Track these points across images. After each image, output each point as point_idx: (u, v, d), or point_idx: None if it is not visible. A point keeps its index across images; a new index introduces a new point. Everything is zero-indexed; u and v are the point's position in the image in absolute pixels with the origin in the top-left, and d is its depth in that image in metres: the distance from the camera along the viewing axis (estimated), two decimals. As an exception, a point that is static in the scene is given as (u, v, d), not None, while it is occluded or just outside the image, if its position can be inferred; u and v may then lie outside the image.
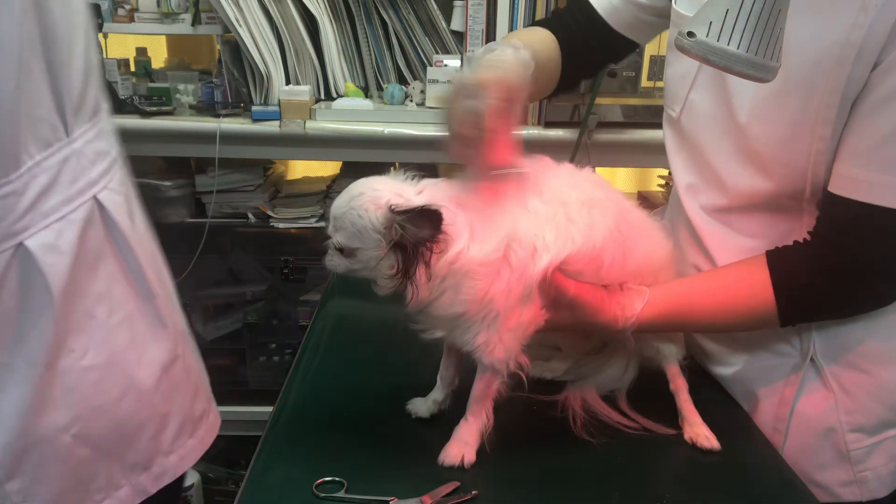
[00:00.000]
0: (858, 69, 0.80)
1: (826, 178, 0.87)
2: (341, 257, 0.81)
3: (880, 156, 0.81)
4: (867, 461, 0.97)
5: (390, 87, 1.89)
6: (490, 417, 0.85)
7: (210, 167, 1.89)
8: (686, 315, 0.92)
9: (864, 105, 0.81)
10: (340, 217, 0.79)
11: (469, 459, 0.84)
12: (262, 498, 0.80)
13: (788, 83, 0.84)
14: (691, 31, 0.71)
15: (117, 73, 1.89)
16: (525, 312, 0.81)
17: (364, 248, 0.79)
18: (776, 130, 0.89)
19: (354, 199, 0.79)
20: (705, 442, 0.91)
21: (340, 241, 0.80)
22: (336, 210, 0.80)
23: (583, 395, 0.95)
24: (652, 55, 1.94)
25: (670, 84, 1.05)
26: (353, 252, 0.80)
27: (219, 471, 2.19)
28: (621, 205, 0.92)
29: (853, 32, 0.79)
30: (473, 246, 0.78)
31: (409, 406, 0.95)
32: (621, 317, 0.87)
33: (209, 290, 2.12)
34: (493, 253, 0.78)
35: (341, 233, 0.80)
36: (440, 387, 0.94)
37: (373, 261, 0.79)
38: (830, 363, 0.96)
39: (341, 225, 0.80)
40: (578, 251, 0.82)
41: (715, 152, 0.98)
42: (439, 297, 0.79)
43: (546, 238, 0.80)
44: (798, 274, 0.88)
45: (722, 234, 1.00)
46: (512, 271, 0.79)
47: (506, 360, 0.82)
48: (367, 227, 0.77)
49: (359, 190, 0.80)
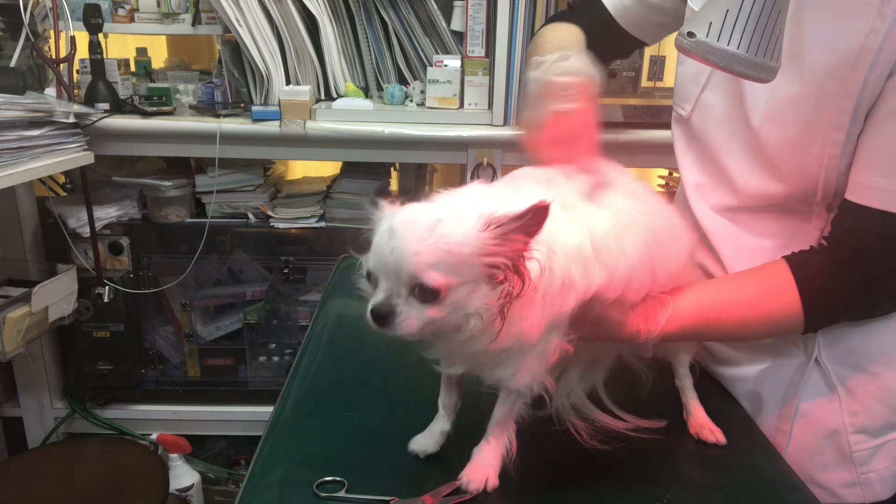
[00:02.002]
0: (873, 75, 0.80)
1: (837, 183, 0.87)
2: (422, 309, 0.65)
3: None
4: (870, 463, 0.97)
5: (390, 87, 1.89)
6: (513, 440, 0.81)
7: (210, 167, 1.89)
8: (710, 326, 0.90)
9: (880, 114, 0.81)
10: (427, 252, 0.64)
11: (493, 484, 0.79)
12: (263, 498, 0.80)
13: (803, 87, 0.84)
14: (691, 31, 0.71)
15: (117, 73, 1.89)
16: (552, 339, 0.75)
17: (460, 285, 0.65)
18: (789, 134, 0.88)
19: (436, 226, 0.65)
20: (710, 436, 0.91)
21: (437, 280, 0.64)
22: (412, 246, 0.64)
23: (571, 402, 0.90)
24: (652, 55, 1.94)
25: (681, 83, 1.05)
26: (442, 296, 0.65)
27: (219, 471, 2.19)
28: (651, 213, 0.85)
29: (869, 38, 0.79)
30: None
31: (412, 447, 0.86)
32: (644, 330, 0.84)
33: (209, 290, 2.12)
34: (540, 273, 0.69)
35: (435, 271, 0.64)
36: (444, 416, 0.86)
37: (466, 299, 0.66)
38: (835, 365, 0.96)
39: (432, 261, 0.64)
40: (604, 287, 0.75)
41: (726, 153, 0.98)
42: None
43: (573, 273, 0.72)
44: (821, 278, 0.87)
45: (730, 233, 1.00)
46: (545, 305, 0.70)
47: (531, 384, 0.76)
48: (470, 255, 0.64)
49: (429, 217, 0.66)
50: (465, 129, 1.78)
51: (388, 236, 0.66)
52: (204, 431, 2.14)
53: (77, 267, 1.87)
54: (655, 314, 0.85)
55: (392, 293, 0.66)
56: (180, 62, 2.22)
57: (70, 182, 2.01)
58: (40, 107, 1.57)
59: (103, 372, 2.03)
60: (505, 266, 0.65)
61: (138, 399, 2.12)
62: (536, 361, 0.75)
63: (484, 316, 0.67)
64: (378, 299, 0.66)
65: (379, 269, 0.67)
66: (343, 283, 1.44)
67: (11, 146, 1.47)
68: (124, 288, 1.96)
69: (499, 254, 0.65)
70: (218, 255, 2.05)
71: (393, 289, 0.66)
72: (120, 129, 1.77)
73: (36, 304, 1.71)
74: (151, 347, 2.13)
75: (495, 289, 0.66)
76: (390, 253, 0.65)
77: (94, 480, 1.69)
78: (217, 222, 1.95)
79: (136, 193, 1.98)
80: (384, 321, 0.66)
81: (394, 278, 0.65)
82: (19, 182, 1.51)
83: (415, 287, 0.65)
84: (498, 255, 0.65)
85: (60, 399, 2.10)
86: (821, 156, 0.86)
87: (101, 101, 1.78)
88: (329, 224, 1.98)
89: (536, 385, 0.77)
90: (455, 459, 0.84)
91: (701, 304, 0.88)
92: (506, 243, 0.65)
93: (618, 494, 0.82)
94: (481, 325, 0.67)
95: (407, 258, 0.64)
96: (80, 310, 1.93)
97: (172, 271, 2.00)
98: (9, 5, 1.78)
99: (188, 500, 1.92)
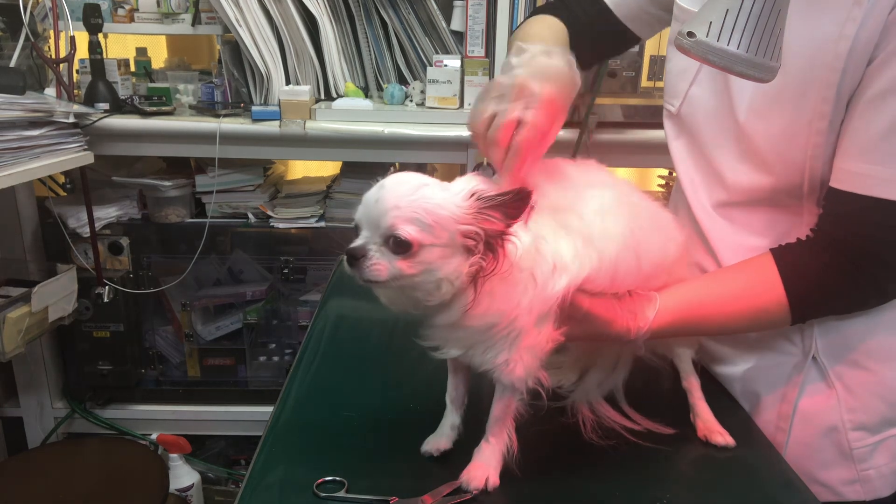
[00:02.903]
0: (852, 63, 0.80)
1: (823, 173, 0.87)
2: (393, 259, 0.70)
3: (880, 150, 0.81)
4: (870, 459, 0.98)
5: (390, 87, 1.89)
6: (513, 438, 0.81)
7: (210, 167, 1.89)
8: (698, 321, 0.90)
9: (861, 101, 0.82)
10: (406, 207, 0.69)
11: (493, 483, 0.80)
12: (263, 498, 0.80)
13: (786, 78, 0.84)
14: (691, 31, 0.71)
15: (117, 73, 1.89)
16: (543, 331, 0.77)
17: (433, 246, 0.69)
18: (774, 126, 0.89)
19: (421, 188, 0.71)
20: (719, 439, 0.91)
21: (410, 233, 0.68)
22: (393, 200, 0.70)
23: (588, 398, 0.94)
24: (652, 55, 1.94)
25: (670, 79, 1.05)
26: (415, 252, 0.69)
27: (219, 471, 2.19)
28: (633, 204, 0.89)
29: (847, 26, 0.79)
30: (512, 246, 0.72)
31: (425, 448, 0.86)
32: (633, 327, 0.85)
33: (209, 290, 2.12)
34: (526, 255, 0.73)
35: (410, 225, 0.68)
36: (452, 410, 0.87)
37: (438, 262, 0.70)
38: (833, 361, 0.96)
39: (409, 216, 0.69)
40: (596, 270, 0.79)
41: (715, 147, 0.98)
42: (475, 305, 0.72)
43: (564, 256, 0.76)
44: (806, 270, 0.87)
45: (725, 230, 1.00)
46: (536, 287, 0.74)
47: (525, 378, 0.78)
48: (446, 218, 0.69)
49: (418, 180, 0.72)
50: (464, 129, 1.76)
51: (377, 190, 0.72)
52: (204, 431, 2.14)
53: (77, 267, 1.87)
54: (644, 310, 0.86)
55: (369, 241, 0.71)
56: (180, 62, 2.22)
57: (70, 182, 2.01)
58: (40, 107, 1.57)
59: (103, 372, 2.03)
60: (480, 239, 0.70)
61: (138, 399, 2.12)
62: (529, 352, 0.77)
63: (454, 283, 0.71)
64: (355, 243, 0.72)
65: (362, 219, 0.72)
66: (343, 283, 1.44)
67: (11, 146, 1.47)
68: (124, 288, 1.96)
69: (475, 226, 0.70)
70: (218, 255, 2.05)
71: (371, 237, 0.71)
72: (120, 129, 1.77)
73: (36, 304, 1.71)
74: (151, 347, 2.13)
75: (468, 260, 0.70)
76: (374, 203, 0.71)
77: (94, 480, 1.69)
78: (217, 222, 1.95)
79: (135, 193, 1.98)
80: (356, 263, 0.71)
81: (374, 228, 0.71)
82: (19, 182, 1.51)
83: (389, 238, 0.70)
84: (474, 227, 0.70)
85: (60, 399, 2.10)
86: (806, 146, 0.86)
87: (100, 101, 1.78)
88: (329, 224, 1.98)
89: (530, 379, 0.78)
90: (455, 459, 0.84)
91: (688, 299, 0.89)
92: (484, 220, 0.70)
93: (618, 494, 0.82)
94: (452, 292, 0.71)
95: (387, 210, 0.70)
96: (80, 310, 1.93)
97: (172, 271, 2.00)
98: (9, 5, 1.78)
99: (188, 500, 1.92)
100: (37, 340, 1.90)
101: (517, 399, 0.81)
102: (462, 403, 0.87)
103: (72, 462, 1.76)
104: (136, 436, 2.07)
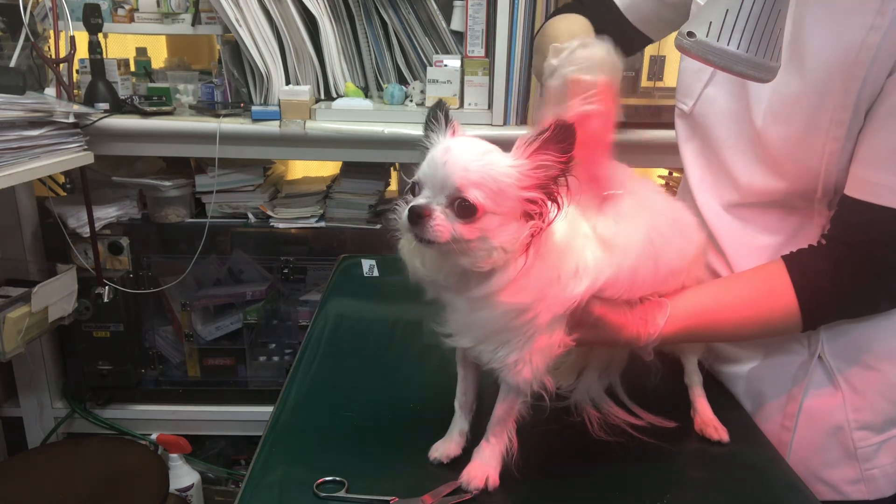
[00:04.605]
0: (874, 72, 0.80)
1: (837, 179, 0.87)
2: (455, 221, 0.69)
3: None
4: (875, 459, 0.98)
5: (390, 87, 1.89)
6: (513, 439, 0.82)
7: (210, 167, 1.89)
8: (708, 327, 0.90)
9: (880, 111, 0.82)
10: (474, 171, 0.68)
11: (493, 482, 0.80)
12: (263, 498, 0.80)
13: (806, 85, 0.84)
14: (691, 30, 0.71)
15: (117, 73, 1.89)
16: (555, 334, 0.77)
17: (494, 214, 0.69)
18: (792, 131, 0.89)
19: (488, 153, 0.71)
20: (713, 433, 0.92)
21: (477, 198, 0.68)
22: (463, 163, 0.69)
23: (590, 395, 0.94)
24: (652, 55, 1.94)
25: (684, 78, 1.05)
26: (478, 217, 0.69)
27: (219, 471, 2.19)
28: (653, 209, 0.88)
29: (870, 35, 0.79)
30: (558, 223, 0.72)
31: (433, 454, 0.86)
32: (644, 333, 0.85)
33: (209, 290, 2.12)
34: (561, 243, 0.74)
35: (477, 190, 0.68)
36: (461, 415, 0.87)
37: (496, 229, 0.70)
38: (838, 361, 0.96)
39: (477, 180, 0.68)
40: (614, 278, 0.79)
41: (729, 149, 0.98)
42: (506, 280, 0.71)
43: (588, 260, 0.76)
44: (818, 277, 0.87)
45: (735, 229, 1.00)
46: (559, 285, 0.74)
47: (531, 380, 0.77)
48: (511, 185, 0.69)
49: (484, 146, 0.72)
50: (465, 129, 1.77)
51: (444, 151, 0.71)
52: (204, 431, 2.14)
53: (77, 267, 1.87)
54: (654, 317, 0.85)
55: (432, 201, 0.70)
56: (180, 62, 2.22)
57: (70, 182, 2.01)
58: (40, 107, 1.57)
59: (103, 372, 2.03)
60: (541, 200, 0.70)
61: (138, 399, 2.12)
62: (539, 354, 0.76)
63: (508, 251, 0.70)
64: (419, 201, 0.70)
65: (427, 179, 0.71)
66: (343, 283, 1.44)
67: (11, 146, 1.47)
68: (124, 288, 1.96)
69: (536, 182, 0.69)
70: (218, 255, 2.05)
71: (435, 198, 0.70)
72: (120, 129, 1.77)
73: (36, 304, 1.71)
74: (151, 347, 2.13)
75: (525, 225, 0.70)
76: (442, 165, 0.70)
77: (94, 480, 1.69)
78: (217, 222, 1.95)
79: (135, 193, 1.98)
80: (419, 221, 0.69)
81: (439, 188, 0.70)
82: (19, 182, 1.51)
83: (455, 200, 0.69)
84: (534, 185, 0.69)
85: (60, 399, 2.10)
86: (822, 153, 0.86)
87: (100, 101, 1.78)
88: (329, 224, 1.98)
89: (536, 382, 0.78)
90: (456, 459, 0.84)
91: (698, 306, 0.89)
92: (541, 168, 0.69)
93: (618, 493, 0.83)
94: (503, 259, 0.71)
95: (457, 171, 0.69)
96: (80, 310, 1.93)
97: (172, 271, 2.00)
98: (9, 5, 1.78)
99: (188, 500, 1.92)
100: (37, 340, 1.90)
101: (521, 401, 0.81)
102: (471, 409, 0.87)
103: (72, 462, 1.76)
104: (136, 436, 2.07)
